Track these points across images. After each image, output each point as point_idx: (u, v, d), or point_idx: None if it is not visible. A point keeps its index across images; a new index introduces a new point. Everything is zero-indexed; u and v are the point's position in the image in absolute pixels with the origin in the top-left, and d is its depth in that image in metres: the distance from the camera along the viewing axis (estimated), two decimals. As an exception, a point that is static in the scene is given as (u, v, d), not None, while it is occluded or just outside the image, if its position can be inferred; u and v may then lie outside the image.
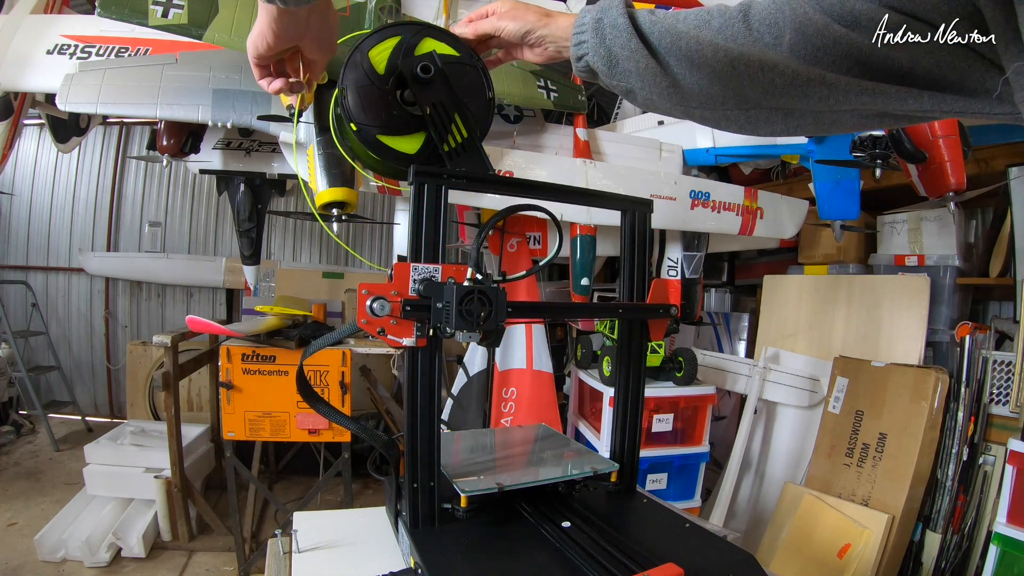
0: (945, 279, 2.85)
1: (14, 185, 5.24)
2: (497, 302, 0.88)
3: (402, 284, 0.89)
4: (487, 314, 0.87)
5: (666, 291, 1.17)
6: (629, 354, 1.18)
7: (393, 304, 0.87)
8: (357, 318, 0.88)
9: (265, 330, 2.69)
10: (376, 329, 0.87)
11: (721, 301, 4.25)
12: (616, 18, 0.79)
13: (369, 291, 0.87)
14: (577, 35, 0.84)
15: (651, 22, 0.78)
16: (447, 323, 0.87)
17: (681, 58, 0.75)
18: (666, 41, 0.76)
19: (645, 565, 0.82)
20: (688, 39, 0.74)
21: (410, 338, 0.90)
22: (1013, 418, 2.37)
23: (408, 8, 2.51)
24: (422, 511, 0.96)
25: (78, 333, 5.42)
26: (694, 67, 0.74)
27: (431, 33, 1.00)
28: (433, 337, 0.92)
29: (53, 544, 2.89)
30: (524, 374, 2.82)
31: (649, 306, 1.15)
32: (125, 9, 1.87)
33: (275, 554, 1.08)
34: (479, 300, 0.86)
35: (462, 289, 0.85)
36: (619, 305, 1.17)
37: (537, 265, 1.16)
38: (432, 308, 0.89)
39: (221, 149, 2.79)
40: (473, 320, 0.85)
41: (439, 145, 0.98)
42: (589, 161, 2.65)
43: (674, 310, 1.16)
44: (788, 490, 2.79)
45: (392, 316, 0.88)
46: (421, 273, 0.90)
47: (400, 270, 0.89)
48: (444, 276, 0.91)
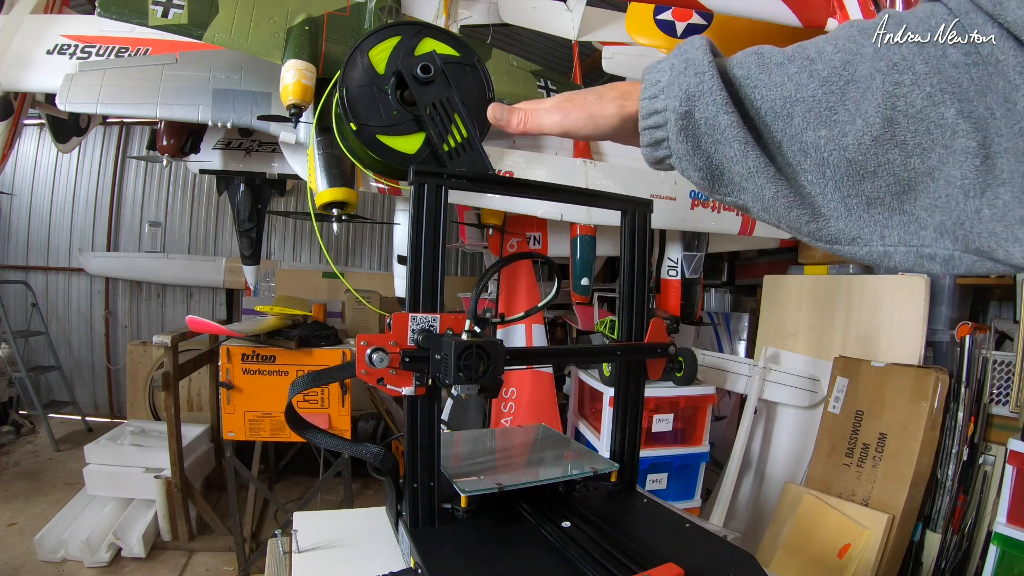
0: (945, 279, 2.84)
1: (14, 185, 5.24)
2: (495, 356, 0.87)
3: (401, 334, 0.90)
4: (485, 368, 0.87)
5: (664, 330, 1.18)
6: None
7: (392, 355, 0.88)
8: (356, 368, 0.88)
9: (265, 330, 2.69)
10: (375, 379, 0.88)
11: (721, 301, 4.25)
12: (715, 114, 0.52)
13: (368, 342, 0.88)
14: (649, 130, 0.58)
15: (773, 112, 0.52)
16: (445, 376, 0.87)
17: (840, 184, 0.51)
18: (812, 158, 0.51)
19: (645, 565, 0.82)
20: (847, 146, 0.49)
21: (409, 387, 0.91)
22: (1013, 418, 2.37)
23: (408, 8, 2.51)
24: (422, 511, 0.96)
25: (78, 333, 5.42)
26: (861, 199, 0.50)
27: (431, 33, 1.00)
28: (432, 386, 0.93)
29: (53, 544, 2.89)
30: (524, 374, 2.82)
31: (647, 346, 1.17)
32: (125, 9, 1.87)
33: (275, 554, 1.08)
34: (477, 355, 0.86)
35: (460, 344, 0.85)
36: (617, 347, 1.18)
37: (535, 308, 1.17)
38: (431, 359, 0.90)
39: (221, 149, 2.79)
40: (471, 374, 0.86)
41: (439, 145, 0.98)
42: (589, 161, 2.65)
43: (672, 349, 1.17)
44: (788, 490, 2.79)
45: (391, 367, 0.88)
46: (419, 323, 0.91)
47: (399, 320, 0.90)
48: (443, 326, 0.92)
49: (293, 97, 1.81)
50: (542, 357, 1.17)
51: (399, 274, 2.73)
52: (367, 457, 1.06)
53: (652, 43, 2.36)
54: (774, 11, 1.82)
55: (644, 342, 1.16)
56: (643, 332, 1.17)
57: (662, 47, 2.37)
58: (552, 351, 1.33)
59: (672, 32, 2.31)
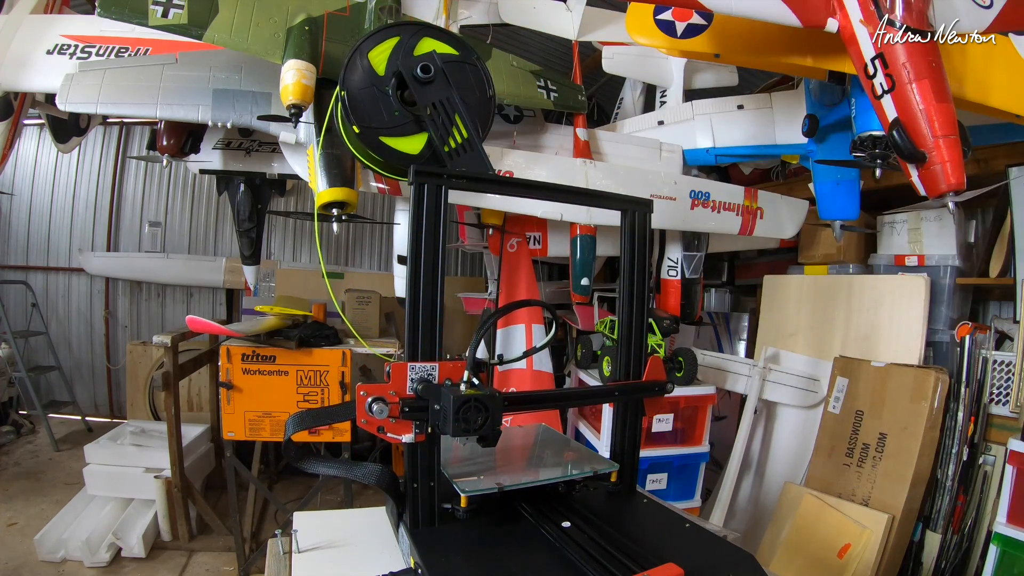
0: (945, 279, 2.84)
1: (14, 185, 5.23)
2: (493, 409, 0.89)
3: (400, 384, 0.91)
4: (483, 420, 0.88)
5: (661, 368, 1.19)
6: (629, 362, 1.18)
7: (392, 405, 0.90)
8: (357, 417, 0.90)
9: (265, 330, 2.69)
10: (376, 428, 0.90)
11: (721, 301, 4.25)
12: None
13: (367, 392, 0.89)
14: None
15: None
16: (444, 427, 0.89)
17: None
18: None
19: (645, 565, 0.82)
20: None
21: (409, 435, 0.92)
22: (1013, 418, 2.37)
23: (408, 8, 2.51)
24: (422, 511, 0.96)
25: (78, 333, 5.41)
26: None
27: (430, 33, 1.00)
28: (432, 433, 0.95)
29: (53, 544, 2.89)
30: (524, 374, 2.82)
31: (645, 385, 1.17)
32: (125, 9, 1.87)
33: (275, 554, 1.08)
34: (475, 407, 0.87)
35: (459, 398, 0.87)
36: (615, 388, 1.19)
37: (534, 349, 1.17)
38: (430, 409, 0.91)
39: (221, 149, 2.79)
40: (470, 426, 0.87)
41: (440, 145, 0.98)
42: (589, 161, 2.64)
43: (670, 387, 1.18)
44: (788, 490, 2.79)
45: (391, 416, 0.90)
46: (419, 372, 0.92)
47: (398, 370, 0.91)
48: (441, 375, 0.93)
49: (293, 97, 1.80)
50: (541, 402, 1.18)
51: (399, 274, 2.73)
52: (367, 480, 1.06)
53: (652, 43, 2.36)
54: (774, 11, 1.82)
55: (642, 380, 1.17)
56: (641, 369, 1.18)
57: (662, 47, 2.37)
58: (552, 395, 1.33)
59: (672, 32, 2.31)
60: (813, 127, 2.43)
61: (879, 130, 1.96)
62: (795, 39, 2.09)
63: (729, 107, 2.82)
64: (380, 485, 1.06)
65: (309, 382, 2.68)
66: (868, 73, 1.84)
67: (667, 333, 2.77)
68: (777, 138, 2.75)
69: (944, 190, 1.75)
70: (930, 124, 1.73)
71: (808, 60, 2.16)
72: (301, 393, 2.68)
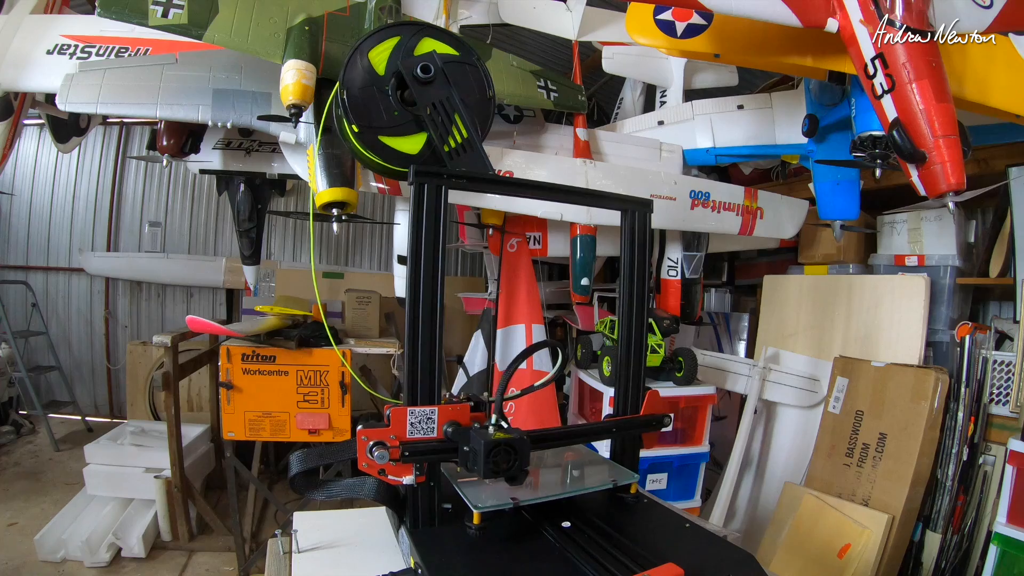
0: (945, 279, 2.84)
1: (14, 185, 5.23)
2: (522, 453, 0.91)
3: (399, 428, 0.92)
4: (511, 463, 0.90)
5: (659, 402, 1.19)
6: (629, 362, 1.18)
7: (392, 449, 0.91)
8: (358, 461, 0.91)
9: (265, 330, 2.69)
10: (377, 471, 0.91)
11: (721, 301, 4.25)
12: None
13: (368, 437, 0.90)
14: None
15: None
16: (475, 469, 0.90)
17: None
18: None
19: (645, 565, 0.82)
20: None
21: (410, 476, 0.93)
22: (1013, 418, 2.37)
23: (408, 8, 2.51)
24: (422, 512, 0.96)
25: (78, 333, 5.41)
26: None
27: (429, 32, 1.00)
28: (433, 472, 0.96)
29: (53, 544, 2.89)
30: (524, 374, 2.81)
31: (643, 419, 1.18)
32: (125, 9, 1.87)
33: (275, 554, 1.08)
34: (506, 451, 0.89)
35: (490, 443, 0.88)
36: (613, 423, 1.20)
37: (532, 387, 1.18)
38: (459, 451, 0.93)
39: (221, 149, 2.79)
40: (499, 469, 0.89)
41: (439, 145, 0.98)
42: (589, 161, 2.64)
43: (667, 420, 1.19)
44: (788, 490, 2.79)
45: (392, 459, 0.91)
46: (418, 416, 0.93)
47: (397, 415, 0.92)
48: (441, 418, 0.94)
49: (293, 97, 1.80)
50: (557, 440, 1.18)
51: (399, 274, 2.73)
52: (369, 496, 1.06)
53: (652, 43, 2.36)
54: (774, 11, 1.82)
55: (640, 415, 1.17)
56: (639, 403, 1.18)
57: (662, 47, 2.37)
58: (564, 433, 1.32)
59: (672, 32, 2.31)
60: (813, 127, 2.43)
61: (879, 130, 1.96)
62: (795, 39, 2.09)
63: (729, 107, 2.82)
64: (380, 499, 1.07)
65: (309, 382, 2.68)
66: (868, 73, 1.84)
67: (667, 333, 2.77)
68: (777, 138, 2.75)
69: (944, 190, 1.75)
70: (930, 124, 1.73)
71: (808, 60, 2.16)
72: (301, 393, 2.68)
